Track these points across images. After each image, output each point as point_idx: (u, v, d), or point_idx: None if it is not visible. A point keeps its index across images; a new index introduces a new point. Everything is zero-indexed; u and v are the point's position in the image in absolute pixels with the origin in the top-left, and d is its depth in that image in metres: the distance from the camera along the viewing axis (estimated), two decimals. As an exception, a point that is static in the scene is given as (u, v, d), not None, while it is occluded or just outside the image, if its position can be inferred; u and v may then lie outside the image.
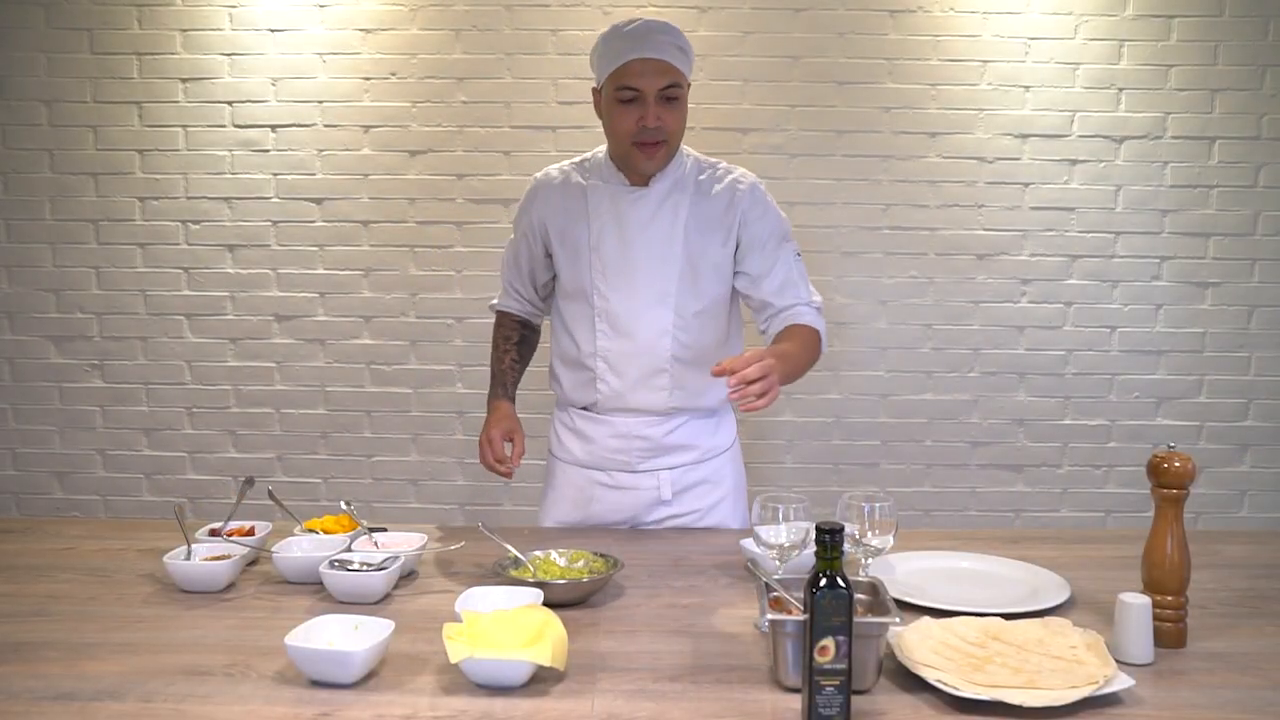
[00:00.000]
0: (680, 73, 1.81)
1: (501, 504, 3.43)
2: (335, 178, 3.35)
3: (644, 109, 1.78)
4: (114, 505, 3.46)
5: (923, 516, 3.41)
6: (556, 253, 1.96)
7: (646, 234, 1.88)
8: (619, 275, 1.89)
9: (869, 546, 1.41)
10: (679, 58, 1.81)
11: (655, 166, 1.85)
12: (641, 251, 1.88)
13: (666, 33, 1.81)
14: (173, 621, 1.43)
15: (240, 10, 3.29)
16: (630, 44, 1.79)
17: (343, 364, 3.41)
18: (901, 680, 1.22)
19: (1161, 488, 1.34)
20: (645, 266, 1.88)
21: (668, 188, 1.90)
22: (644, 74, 1.78)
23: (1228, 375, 3.39)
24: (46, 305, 3.41)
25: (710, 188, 1.91)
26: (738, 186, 1.92)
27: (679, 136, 1.86)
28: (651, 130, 1.79)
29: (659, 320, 1.89)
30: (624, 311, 1.89)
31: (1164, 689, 1.21)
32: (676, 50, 1.81)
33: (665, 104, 1.79)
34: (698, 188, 1.91)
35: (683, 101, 1.83)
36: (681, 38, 1.84)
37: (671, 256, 1.88)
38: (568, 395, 2.01)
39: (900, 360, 3.39)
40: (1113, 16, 3.27)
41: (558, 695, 1.18)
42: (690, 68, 1.86)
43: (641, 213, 1.89)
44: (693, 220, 1.89)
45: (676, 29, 1.85)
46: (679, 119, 1.83)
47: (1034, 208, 3.34)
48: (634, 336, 1.89)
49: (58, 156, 3.36)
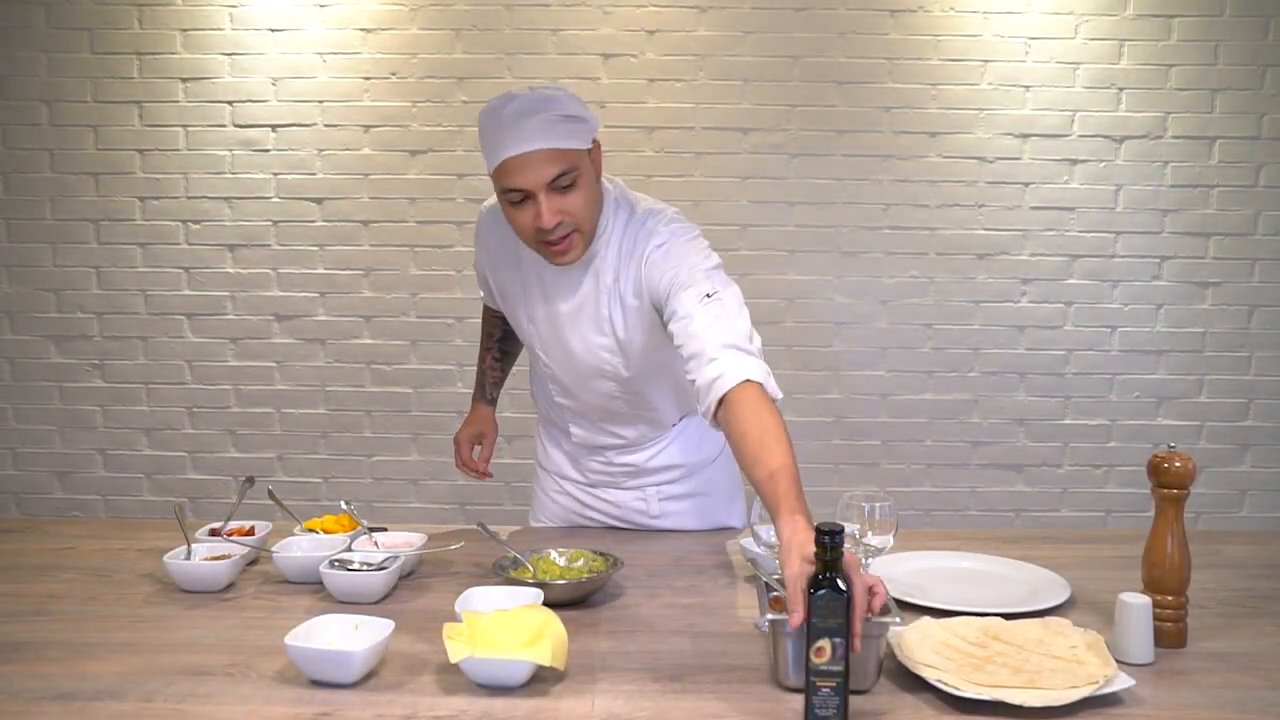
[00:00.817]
0: (570, 154, 1.53)
1: (501, 504, 3.43)
2: (335, 178, 3.35)
3: (537, 208, 1.54)
4: (114, 505, 3.46)
5: (923, 516, 3.41)
6: (500, 302, 1.86)
7: (572, 311, 1.71)
8: (555, 350, 1.78)
9: (869, 546, 1.40)
10: (568, 134, 1.53)
11: (573, 258, 1.62)
12: (570, 330, 1.73)
13: (545, 108, 1.52)
14: (173, 621, 1.43)
15: (240, 10, 3.29)
16: (504, 137, 1.52)
17: (343, 364, 3.41)
18: (901, 680, 1.22)
19: (1162, 488, 1.34)
20: (576, 345, 1.74)
21: (590, 259, 1.68)
22: (526, 170, 1.51)
23: (1228, 375, 3.39)
24: (47, 305, 3.41)
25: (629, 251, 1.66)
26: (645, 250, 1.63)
27: (592, 215, 1.61)
28: (553, 229, 1.55)
29: (603, 389, 1.78)
30: (570, 381, 1.81)
31: (1164, 689, 1.21)
32: (562, 125, 1.53)
33: (561, 194, 1.54)
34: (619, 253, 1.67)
35: (583, 181, 1.56)
36: (568, 104, 1.56)
37: (600, 335, 1.71)
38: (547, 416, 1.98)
39: (900, 360, 3.39)
40: (1113, 16, 3.27)
41: (558, 695, 1.18)
42: (590, 132, 1.58)
43: (566, 286, 1.71)
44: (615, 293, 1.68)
45: (560, 97, 1.56)
46: (583, 201, 1.56)
47: (1034, 207, 3.34)
48: (585, 400, 1.82)
49: (58, 156, 3.36)
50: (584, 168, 1.57)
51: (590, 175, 1.59)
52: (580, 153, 1.56)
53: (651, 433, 1.88)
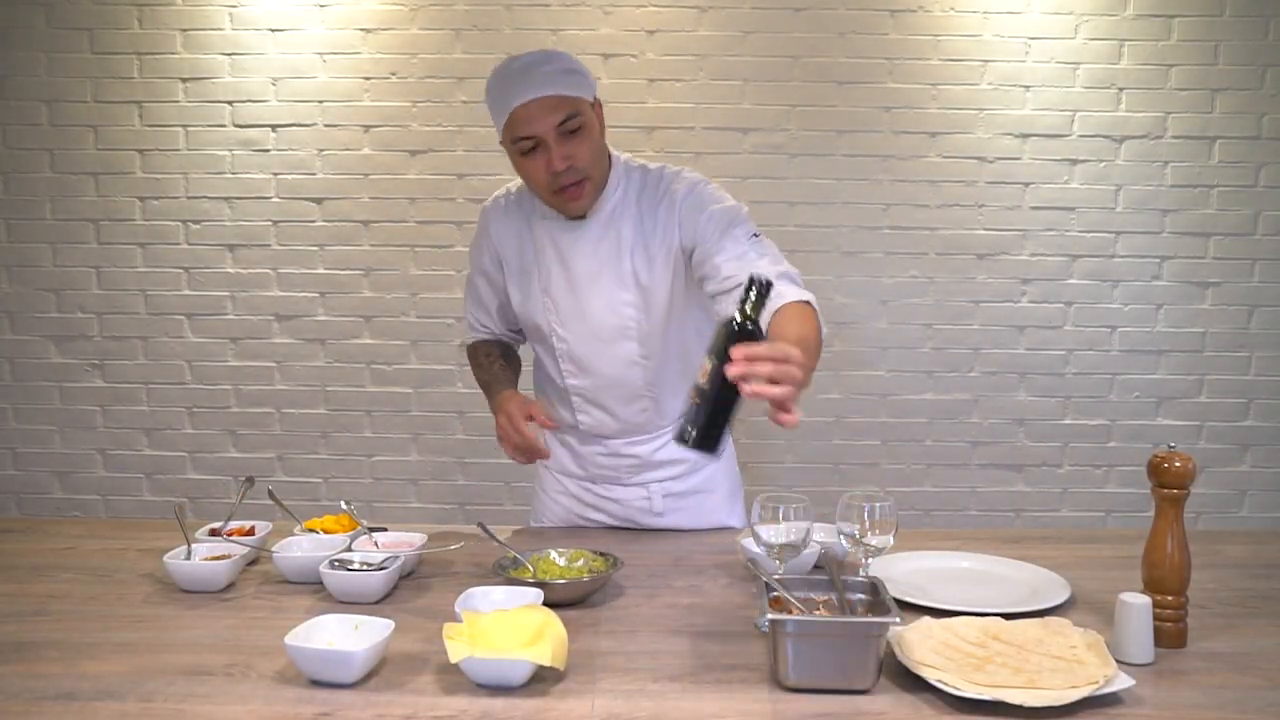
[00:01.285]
0: (575, 100, 1.63)
1: (501, 504, 3.43)
2: (335, 178, 3.35)
3: (547, 153, 1.63)
4: (114, 505, 3.47)
5: (923, 516, 3.42)
6: (511, 290, 1.87)
7: (592, 271, 1.76)
8: (573, 318, 1.79)
9: (869, 546, 1.41)
10: (570, 84, 1.64)
11: (584, 206, 1.72)
12: (591, 291, 1.76)
13: (548, 61, 1.64)
14: (173, 621, 1.43)
15: (240, 10, 3.29)
16: (512, 88, 1.63)
17: (343, 364, 3.41)
18: (901, 680, 1.22)
19: (1162, 488, 1.34)
20: (598, 305, 1.77)
21: (607, 216, 1.76)
22: (533, 118, 1.61)
23: (1228, 375, 3.39)
24: (47, 305, 3.41)
25: (653, 202, 1.75)
26: (675, 195, 1.73)
27: (600, 165, 1.70)
28: (563, 174, 1.64)
29: (623, 354, 1.80)
30: (586, 352, 1.81)
31: (1164, 689, 1.21)
32: (565, 76, 1.63)
33: (568, 139, 1.63)
34: (640, 207, 1.76)
35: (589, 127, 1.65)
36: (568, 60, 1.67)
37: (623, 290, 1.76)
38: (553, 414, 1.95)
39: (900, 360, 3.40)
40: (1113, 16, 3.27)
41: (558, 695, 1.18)
42: (590, 87, 1.68)
43: (583, 249, 1.76)
44: (639, 244, 1.75)
45: (561, 54, 1.67)
46: (590, 148, 1.66)
47: (1034, 207, 3.34)
48: (602, 373, 1.82)
49: (58, 156, 3.36)
50: (588, 117, 1.66)
51: (595, 127, 1.68)
52: (584, 101, 1.66)
53: (658, 419, 1.88)
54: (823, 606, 1.31)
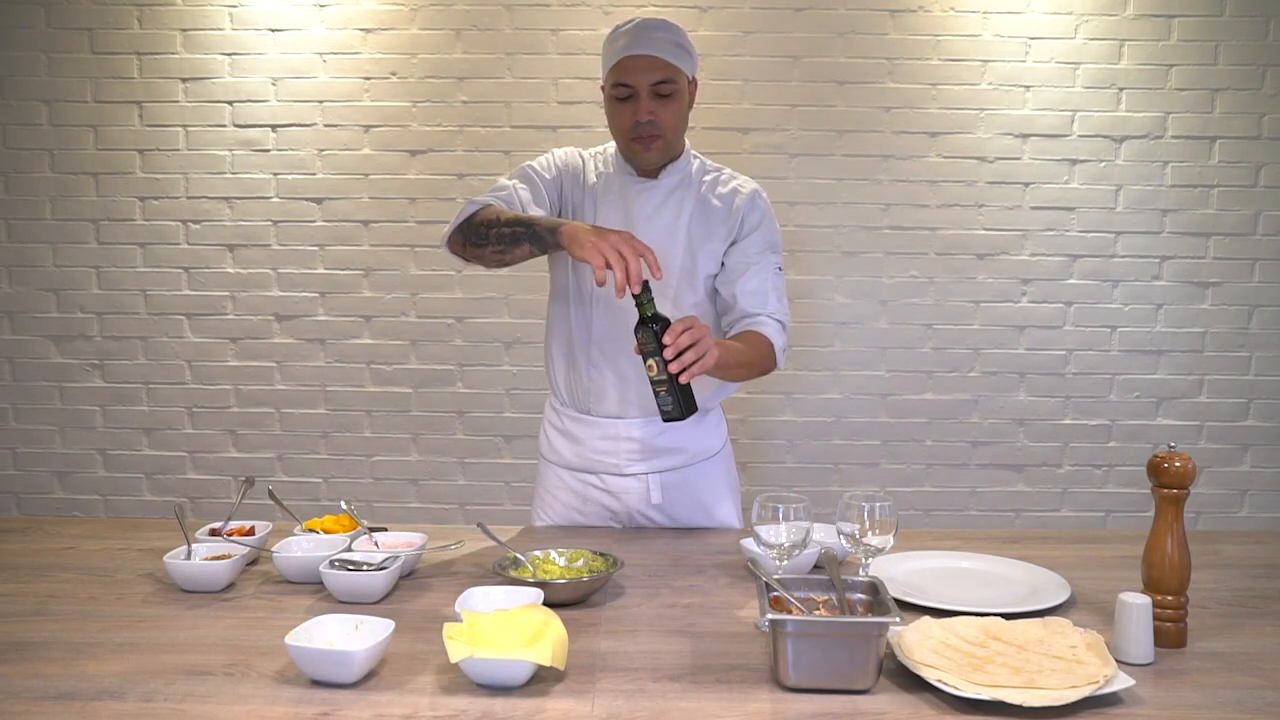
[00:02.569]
0: (675, 68, 1.83)
1: (501, 504, 3.43)
2: (335, 178, 3.35)
3: (637, 104, 1.81)
4: (114, 505, 3.47)
5: (923, 516, 3.42)
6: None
7: (651, 224, 1.90)
8: None
9: (869, 546, 1.41)
10: (675, 54, 1.83)
11: (653, 158, 1.88)
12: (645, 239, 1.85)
13: (663, 29, 1.83)
14: (173, 621, 1.43)
15: (240, 10, 3.29)
16: (626, 41, 1.82)
17: (343, 364, 3.41)
18: (901, 680, 1.22)
19: (1162, 488, 1.34)
20: None
21: (675, 183, 1.93)
22: (635, 70, 1.80)
23: (1228, 375, 3.39)
24: (47, 305, 3.41)
25: (714, 189, 1.95)
26: (740, 191, 1.95)
27: (677, 132, 1.88)
28: (644, 125, 1.82)
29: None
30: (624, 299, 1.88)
31: (1164, 689, 1.21)
32: (673, 47, 1.83)
33: (658, 100, 1.82)
34: (702, 187, 1.95)
35: (679, 97, 1.85)
36: (681, 35, 1.86)
37: (674, 248, 1.90)
38: (561, 389, 2.00)
39: (900, 360, 3.40)
40: (1113, 16, 3.27)
41: (558, 695, 1.18)
42: (692, 65, 1.88)
43: (648, 203, 1.92)
44: (696, 217, 1.92)
45: (676, 27, 1.86)
46: (674, 114, 1.85)
47: (1034, 207, 3.34)
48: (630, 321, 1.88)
49: (58, 156, 3.36)
50: (681, 87, 1.86)
51: (684, 98, 1.88)
52: (682, 72, 1.85)
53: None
54: (823, 606, 1.31)
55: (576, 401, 1.98)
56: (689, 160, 1.97)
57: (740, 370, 1.83)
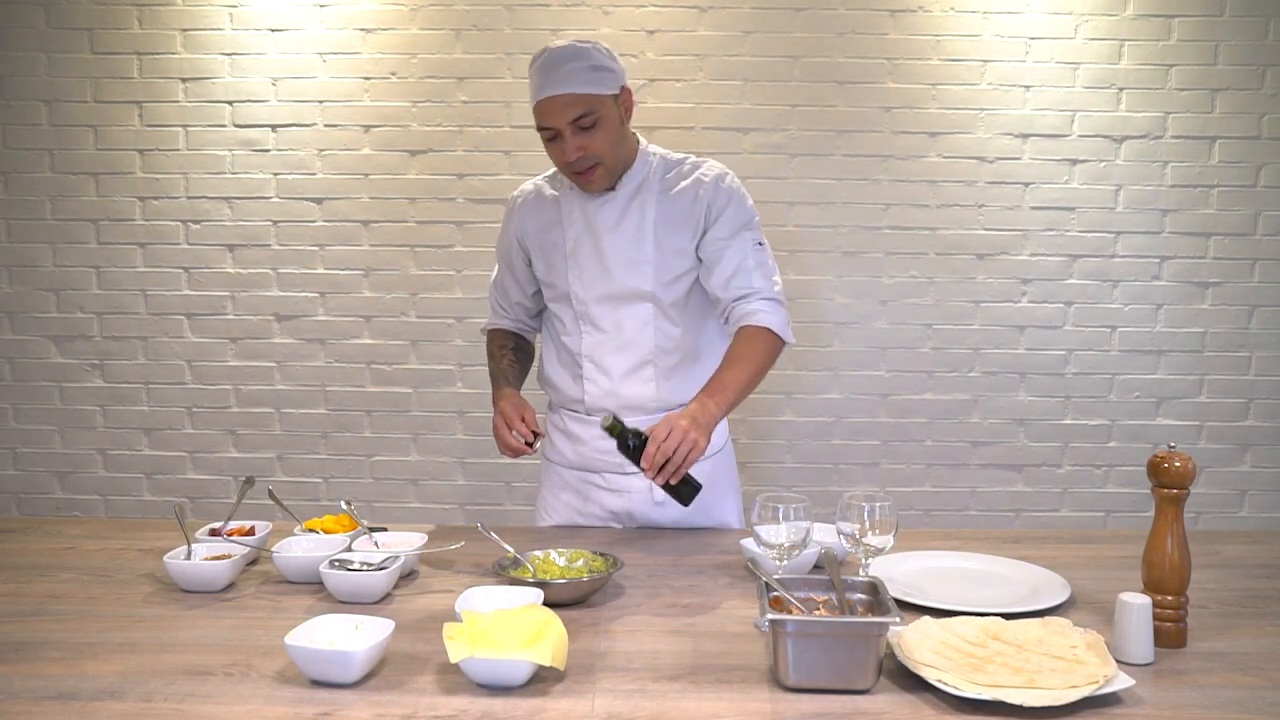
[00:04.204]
0: (592, 98, 1.78)
1: (501, 504, 3.43)
2: (335, 178, 3.35)
3: (563, 143, 1.80)
4: (114, 505, 3.47)
5: (923, 516, 3.42)
6: (536, 262, 2.01)
7: (616, 235, 1.91)
8: (595, 276, 1.92)
9: (869, 546, 1.41)
10: (590, 82, 1.78)
11: (599, 187, 1.88)
12: (613, 252, 1.91)
13: (573, 59, 1.78)
14: (173, 621, 1.43)
15: (240, 10, 3.29)
16: (538, 81, 1.80)
17: (343, 364, 3.41)
18: (901, 680, 1.22)
19: (1162, 488, 1.34)
20: (619, 266, 1.91)
21: (633, 190, 1.92)
22: (552, 112, 1.78)
23: (1228, 375, 3.39)
24: (47, 305, 3.41)
25: (676, 184, 1.93)
26: (702, 180, 1.92)
27: (613, 154, 1.85)
28: (575, 162, 1.81)
29: (639, 314, 1.92)
30: (605, 311, 1.93)
31: (1164, 689, 1.21)
32: (587, 73, 1.78)
33: (583, 133, 1.79)
34: (664, 187, 1.93)
35: (605, 122, 1.81)
36: (596, 56, 1.80)
37: (642, 254, 1.90)
38: (559, 395, 2.04)
39: (900, 360, 3.39)
40: (1113, 16, 3.27)
41: (558, 695, 1.18)
42: (615, 80, 1.82)
43: (609, 216, 1.92)
44: (661, 218, 1.91)
45: (588, 50, 1.80)
46: (604, 140, 1.81)
47: (1034, 208, 3.34)
48: (619, 331, 1.93)
49: (58, 156, 3.36)
50: (605, 111, 1.81)
51: (614, 118, 1.83)
52: (602, 97, 1.80)
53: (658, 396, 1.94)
54: (823, 606, 1.31)
55: (576, 405, 2.00)
56: (646, 161, 1.94)
57: (752, 386, 1.84)
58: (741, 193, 1.94)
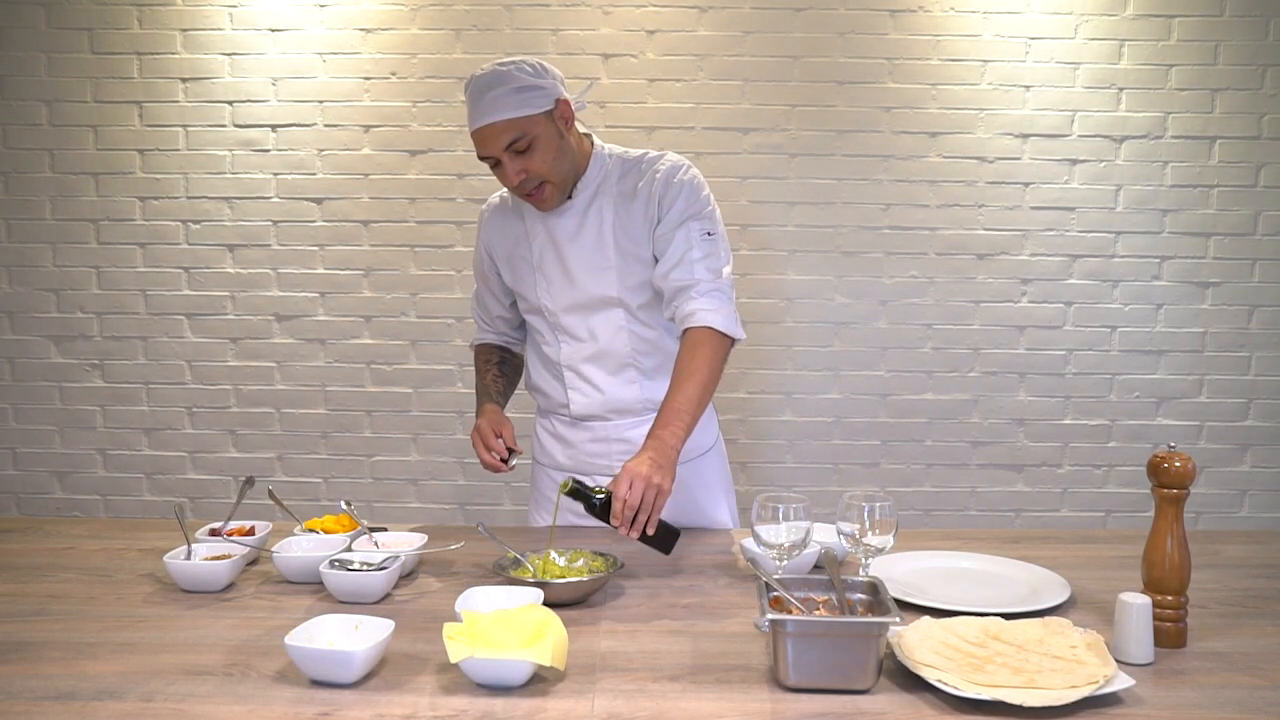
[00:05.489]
0: (520, 122, 1.74)
1: (501, 504, 3.43)
2: (335, 178, 3.35)
3: (504, 169, 1.79)
4: (114, 505, 3.46)
5: (923, 516, 3.42)
6: (505, 275, 2.01)
7: (576, 244, 1.90)
8: (562, 287, 1.92)
9: (869, 546, 1.41)
10: (517, 105, 1.74)
11: (551, 205, 1.86)
12: (577, 261, 1.90)
13: (497, 84, 1.74)
14: (173, 621, 1.43)
15: (240, 10, 3.29)
16: (468, 112, 1.78)
17: (343, 364, 3.41)
18: (901, 680, 1.22)
19: (1161, 488, 1.34)
20: (584, 275, 1.90)
21: (590, 196, 1.90)
22: (484, 140, 1.76)
23: (1228, 375, 3.39)
24: (47, 305, 3.41)
25: (633, 186, 1.89)
26: (656, 174, 1.88)
27: (557, 170, 1.81)
28: (520, 185, 1.80)
29: (611, 320, 1.91)
30: (576, 319, 1.93)
31: (1164, 689, 1.21)
32: (512, 97, 1.73)
33: (520, 156, 1.77)
34: (620, 190, 1.90)
35: (541, 141, 1.76)
36: (521, 77, 1.75)
37: (605, 261, 1.89)
38: (547, 401, 2.05)
39: (900, 360, 3.39)
40: (1113, 16, 3.27)
41: (558, 695, 1.18)
42: (546, 97, 1.77)
43: (569, 225, 1.90)
44: (619, 222, 1.88)
45: (510, 72, 1.75)
46: (542, 160, 1.78)
47: (1034, 208, 3.34)
48: (593, 339, 1.93)
49: (58, 156, 3.36)
50: (540, 130, 1.77)
51: (550, 135, 1.78)
52: (533, 118, 1.76)
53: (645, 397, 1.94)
54: (823, 606, 1.31)
55: (563, 411, 2.01)
56: (601, 166, 1.90)
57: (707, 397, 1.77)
58: (695, 183, 1.87)
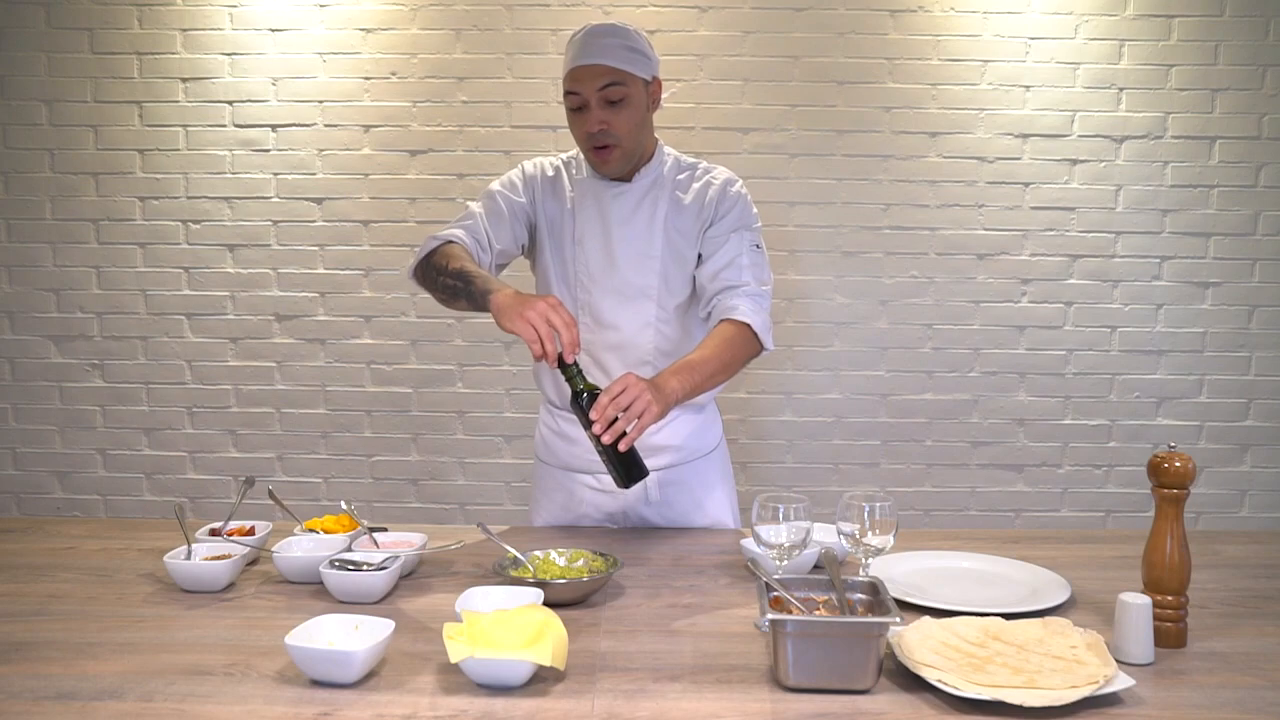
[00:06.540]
0: (624, 73, 1.79)
1: (501, 504, 3.43)
2: (335, 178, 3.35)
3: (588, 114, 1.80)
4: (114, 505, 3.47)
5: (923, 516, 3.42)
6: (543, 241, 1.95)
7: (627, 229, 1.90)
8: (602, 268, 1.90)
9: (869, 546, 1.41)
10: (625, 59, 1.79)
11: (612, 169, 1.86)
12: (623, 245, 1.89)
13: (613, 35, 1.81)
14: (173, 621, 1.43)
15: (240, 10, 3.29)
16: (574, 51, 1.81)
17: (343, 364, 3.41)
18: (901, 680, 1.22)
19: (1162, 488, 1.34)
20: (627, 260, 1.89)
21: (648, 185, 1.91)
22: (583, 79, 1.79)
23: (1228, 375, 3.39)
24: (47, 305, 3.41)
25: (688, 186, 1.93)
26: (711, 184, 1.92)
27: (634, 138, 1.84)
28: (597, 135, 1.80)
29: (642, 313, 1.91)
30: (607, 305, 1.91)
31: (1164, 689, 1.21)
32: (623, 51, 1.80)
33: (609, 107, 1.79)
34: (676, 187, 1.93)
35: (631, 102, 1.81)
36: (634, 39, 1.83)
37: (652, 251, 1.89)
38: (551, 394, 2.01)
39: (900, 360, 3.39)
40: (1113, 16, 3.27)
41: (558, 695, 1.18)
42: (649, 67, 1.84)
43: (623, 208, 1.90)
44: (671, 218, 1.90)
45: (629, 31, 1.84)
46: (628, 120, 1.81)
47: (1034, 208, 3.34)
48: (618, 328, 1.91)
49: (58, 156, 3.36)
50: (634, 92, 1.81)
51: (640, 102, 1.83)
52: (633, 76, 1.81)
53: None
54: (823, 606, 1.31)
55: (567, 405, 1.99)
56: (661, 160, 1.94)
57: (720, 377, 1.77)
58: (747, 199, 1.94)
